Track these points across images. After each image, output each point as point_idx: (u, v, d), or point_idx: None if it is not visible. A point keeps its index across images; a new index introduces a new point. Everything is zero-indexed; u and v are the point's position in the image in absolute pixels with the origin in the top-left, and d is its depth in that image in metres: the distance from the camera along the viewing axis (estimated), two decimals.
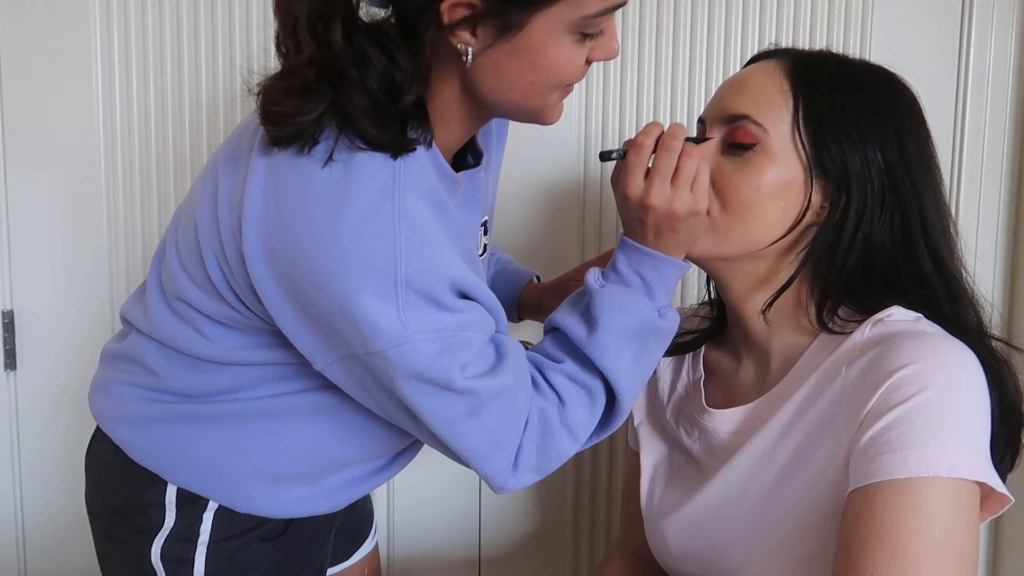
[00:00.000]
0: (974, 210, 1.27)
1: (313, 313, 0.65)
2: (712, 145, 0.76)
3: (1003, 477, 0.68)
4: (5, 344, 1.23)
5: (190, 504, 0.79)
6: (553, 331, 0.79)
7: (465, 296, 0.69)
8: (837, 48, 1.19)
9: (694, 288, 1.25)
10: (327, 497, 0.83)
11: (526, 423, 0.73)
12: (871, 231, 0.72)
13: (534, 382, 0.74)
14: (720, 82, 1.21)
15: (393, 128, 0.66)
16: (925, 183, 0.73)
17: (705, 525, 0.78)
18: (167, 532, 0.79)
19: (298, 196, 0.64)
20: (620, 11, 1.19)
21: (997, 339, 0.73)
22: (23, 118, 1.20)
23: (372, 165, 0.65)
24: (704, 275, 0.87)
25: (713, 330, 0.88)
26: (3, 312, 1.23)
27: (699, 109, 1.21)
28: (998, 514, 0.66)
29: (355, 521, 1.02)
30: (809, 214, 0.73)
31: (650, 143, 0.75)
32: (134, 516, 0.80)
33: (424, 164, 0.68)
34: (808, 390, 0.71)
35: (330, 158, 0.64)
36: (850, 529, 0.63)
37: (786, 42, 1.20)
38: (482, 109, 0.72)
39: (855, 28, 1.21)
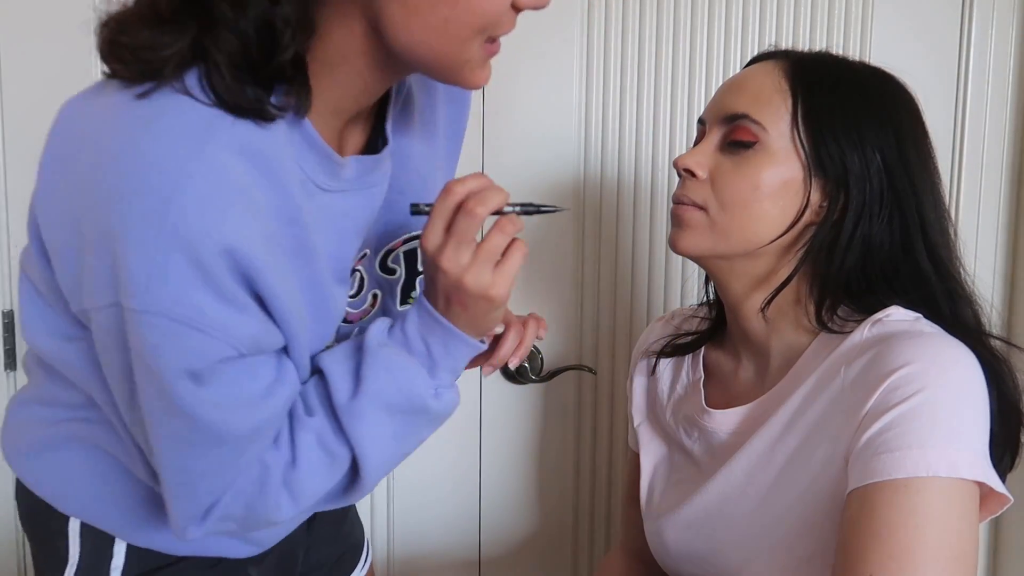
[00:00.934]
0: (974, 210, 1.27)
1: (73, 243, 0.55)
2: (712, 144, 0.76)
3: (1003, 477, 0.68)
4: (5, 344, 1.23)
5: (95, 536, 0.72)
6: (319, 374, 0.67)
7: (257, 297, 0.57)
8: (837, 49, 1.20)
9: (694, 288, 1.25)
10: (229, 536, 0.73)
11: (238, 476, 0.62)
12: (870, 230, 0.72)
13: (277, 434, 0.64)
14: (720, 83, 1.21)
15: (256, 88, 0.55)
16: (923, 183, 0.73)
17: (704, 525, 0.78)
18: (74, 567, 0.72)
19: (99, 121, 0.55)
20: (621, 11, 1.20)
21: (996, 338, 0.73)
22: (23, 118, 1.20)
23: (196, 107, 0.54)
24: (703, 275, 0.87)
25: (712, 331, 0.88)
26: (3, 312, 1.23)
27: (699, 109, 1.21)
28: (997, 514, 0.66)
29: (334, 555, 0.92)
30: (808, 213, 0.73)
31: (462, 192, 0.63)
32: (45, 549, 0.75)
33: (276, 137, 0.58)
34: (807, 390, 0.71)
35: (146, 94, 0.54)
36: (849, 529, 0.63)
37: (786, 43, 1.20)
38: (389, 57, 0.60)
39: (855, 28, 1.21)
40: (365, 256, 0.72)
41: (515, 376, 1.24)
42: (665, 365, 0.90)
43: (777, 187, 0.73)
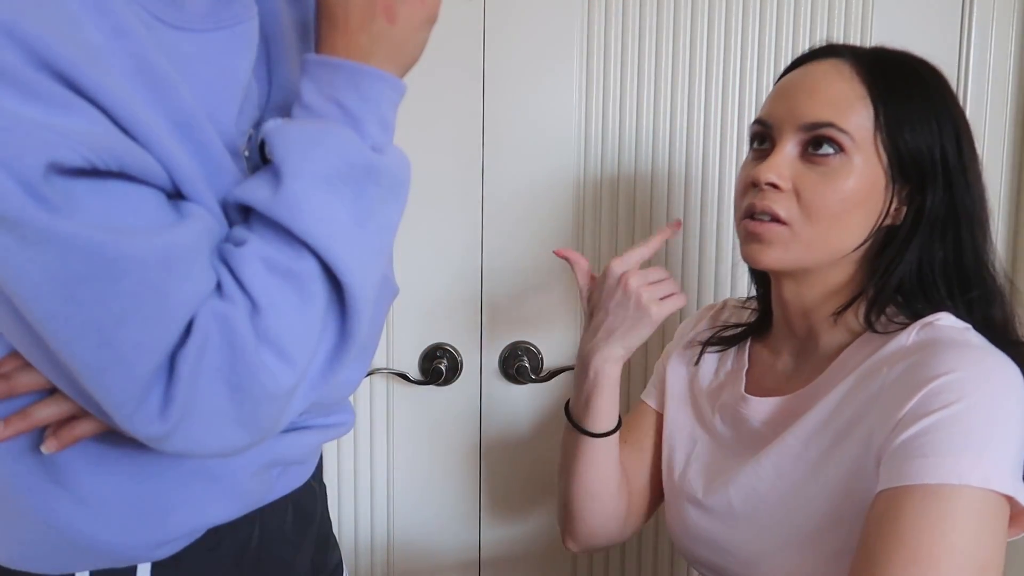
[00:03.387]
0: None
1: None
2: (790, 153, 0.74)
3: None
4: None
5: None
6: (235, 208, 0.54)
7: (88, 100, 0.45)
8: None
9: (694, 289, 1.25)
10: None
11: (188, 329, 0.48)
12: (942, 233, 0.72)
13: (219, 284, 0.50)
14: (720, 83, 1.21)
15: None
16: (976, 178, 0.74)
17: (729, 513, 0.78)
18: None
19: None
20: (621, 10, 1.19)
21: None
22: None
23: None
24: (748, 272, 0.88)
25: (758, 325, 0.88)
26: None
27: (699, 108, 1.21)
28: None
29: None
30: (888, 217, 0.73)
31: None
32: None
33: None
34: (847, 388, 0.71)
35: None
36: (873, 529, 0.63)
37: (786, 42, 1.20)
38: None
39: (855, 28, 1.21)
40: (250, 138, 0.60)
41: (515, 376, 1.24)
42: (711, 352, 0.91)
43: (863, 195, 0.72)
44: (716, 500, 0.79)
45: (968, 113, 1.22)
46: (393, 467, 1.28)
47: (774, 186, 0.73)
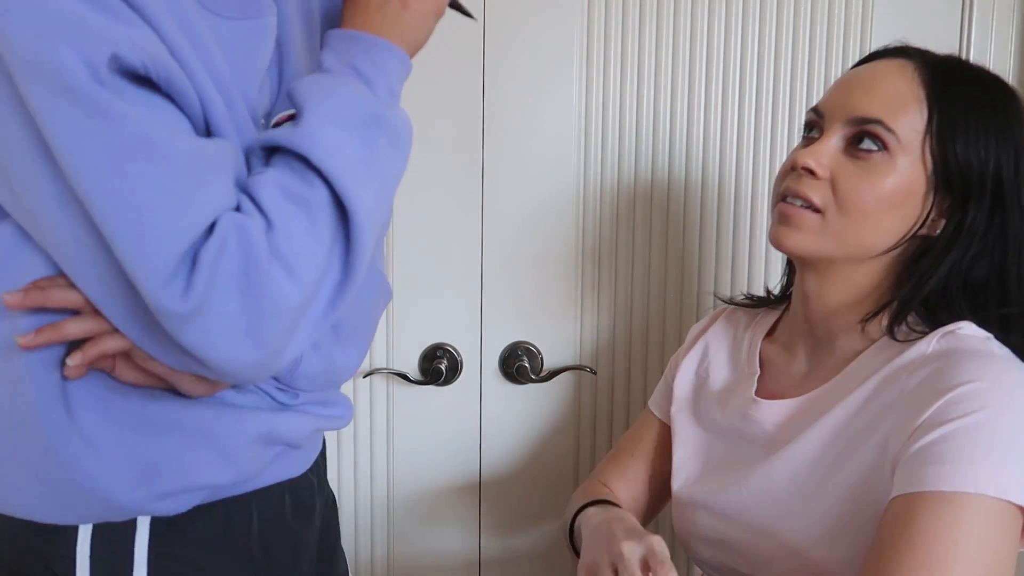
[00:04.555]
0: None
1: None
2: (835, 144, 0.73)
3: None
4: None
5: (110, 546, 0.62)
6: (258, 154, 0.61)
7: (136, 10, 0.53)
8: (836, 47, 1.20)
9: (694, 288, 1.25)
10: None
11: (212, 229, 0.53)
12: (979, 250, 0.71)
13: (238, 207, 0.56)
14: (719, 82, 1.21)
15: None
16: None
17: (740, 516, 0.77)
18: None
19: None
20: (621, 10, 1.20)
21: None
22: None
23: None
24: (782, 263, 0.88)
25: (765, 302, 0.89)
26: None
27: (699, 109, 1.21)
28: None
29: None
30: (925, 227, 0.72)
31: None
32: None
33: None
34: (865, 394, 0.71)
35: None
36: (886, 534, 0.62)
37: (786, 42, 1.20)
38: None
39: (855, 28, 1.21)
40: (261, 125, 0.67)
41: (515, 376, 1.24)
42: (722, 358, 0.90)
43: (900, 198, 0.71)
44: (727, 503, 0.78)
45: None
46: (393, 467, 1.28)
47: (811, 172, 0.72)
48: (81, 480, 0.60)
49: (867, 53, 0.81)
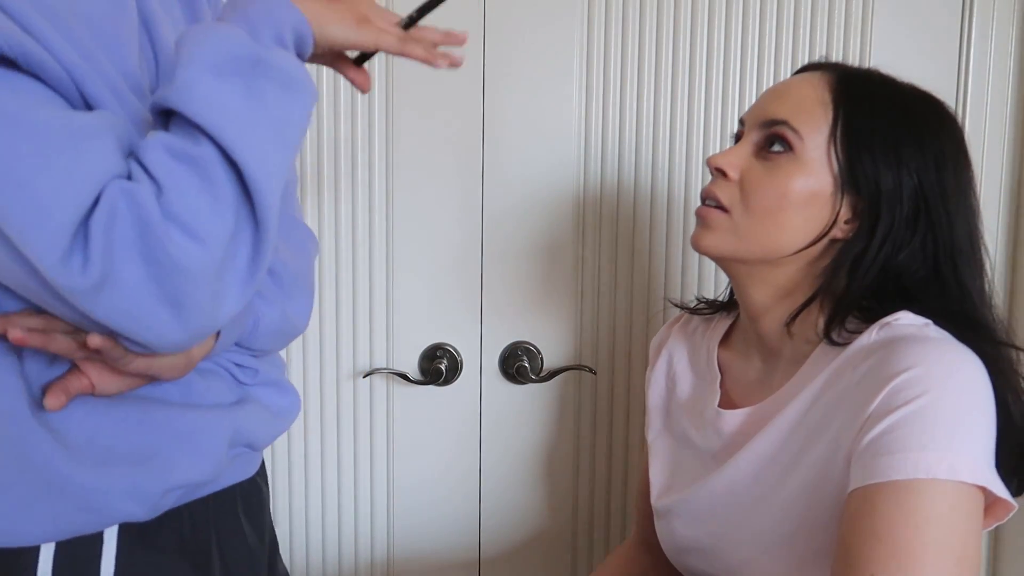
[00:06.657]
0: None
1: None
2: (747, 147, 0.76)
3: (1014, 492, 0.68)
4: None
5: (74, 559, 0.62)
6: (154, 118, 0.59)
7: None
8: (836, 49, 1.20)
9: (693, 288, 1.25)
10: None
11: (97, 200, 0.51)
12: (897, 253, 0.72)
13: (129, 175, 0.54)
14: (719, 83, 1.21)
15: None
16: (958, 211, 0.73)
17: (710, 520, 0.79)
18: None
19: None
20: (621, 11, 1.20)
21: (1010, 346, 0.72)
22: None
23: None
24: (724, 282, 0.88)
25: (720, 306, 0.90)
26: None
27: (699, 109, 1.21)
28: (1003, 520, 0.66)
29: None
30: (835, 229, 0.73)
31: None
32: None
33: None
34: (813, 392, 0.72)
35: None
36: (850, 529, 0.63)
37: (786, 44, 1.20)
38: None
39: (855, 28, 1.21)
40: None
41: (515, 376, 1.24)
42: (684, 366, 0.91)
43: (805, 198, 0.72)
44: (697, 509, 0.80)
45: (968, 113, 1.23)
46: (393, 467, 1.28)
47: (723, 174, 0.76)
48: (58, 482, 0.59)
49: (867, 55, 0.82)
